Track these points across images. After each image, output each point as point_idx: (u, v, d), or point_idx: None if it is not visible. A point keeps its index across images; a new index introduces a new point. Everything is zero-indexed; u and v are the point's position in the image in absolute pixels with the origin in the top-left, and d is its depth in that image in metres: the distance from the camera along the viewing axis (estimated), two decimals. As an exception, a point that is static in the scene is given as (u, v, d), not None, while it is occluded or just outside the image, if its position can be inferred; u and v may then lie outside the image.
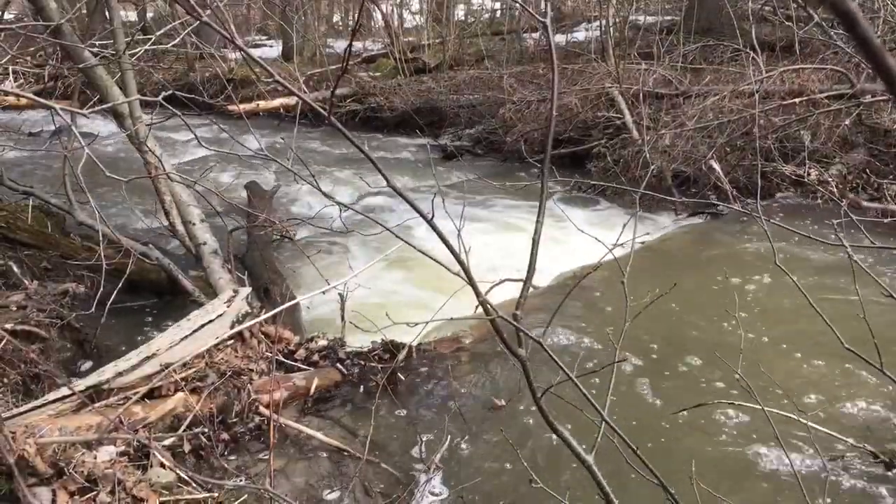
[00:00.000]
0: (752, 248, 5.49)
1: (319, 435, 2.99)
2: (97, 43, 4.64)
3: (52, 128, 7.83)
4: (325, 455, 2.91)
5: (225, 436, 2.88)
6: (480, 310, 2.04)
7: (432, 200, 2.13)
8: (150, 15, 15.96)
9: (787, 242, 5.15)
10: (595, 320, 4.21)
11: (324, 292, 3.51)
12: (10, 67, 11.32)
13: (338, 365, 3.51)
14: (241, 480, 2.64)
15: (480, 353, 3.83)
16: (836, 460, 2.91)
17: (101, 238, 3.57)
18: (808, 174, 6.33)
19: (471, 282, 2.01)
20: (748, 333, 2.97)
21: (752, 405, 2.35)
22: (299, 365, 3.51)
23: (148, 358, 2.98)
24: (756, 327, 4.07)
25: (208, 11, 1.99)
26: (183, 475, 2.50)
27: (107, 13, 4.71)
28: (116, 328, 4.18)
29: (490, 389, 3.49)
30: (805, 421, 2.46)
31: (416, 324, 2.32)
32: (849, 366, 3.58)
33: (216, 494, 2.45)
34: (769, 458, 2.96)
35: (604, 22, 10.97)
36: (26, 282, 3.91)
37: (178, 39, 3.93)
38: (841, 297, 4.36)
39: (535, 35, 13.47)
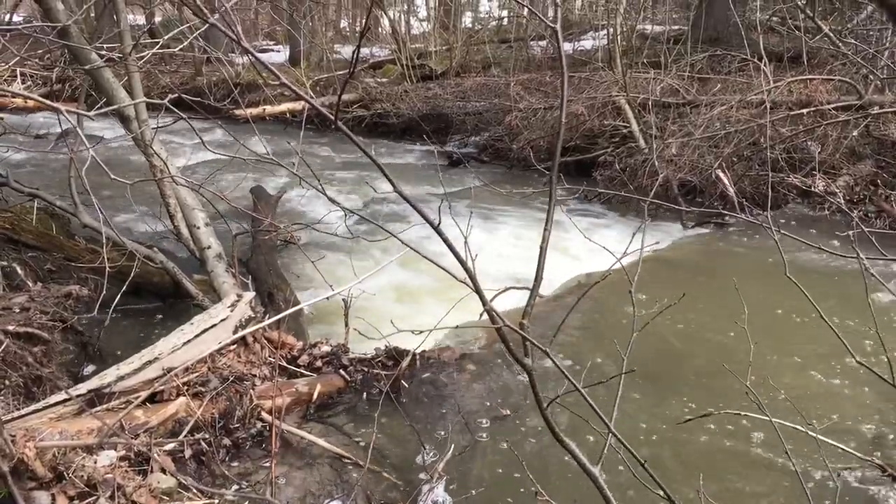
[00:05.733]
0: (760, 259, 5.46)
1: (322, 442, 2.96)
2: (104, 45, 4.64)
3: (59, 130, 7.84)
4: (327, 462, 2.88)
5: (226, 441, 2.85)
6: (486, 317, 2.02)
7: (439, 207, 2.11)
8: (157, 19, 16.01)
9: (795, 253, 5.12)
10: (602, 330, 4.17)
11: (328, 298, 3.49)
12: (18, 70, 11.36)
13: (341, 371, 3.48)
14: (242, 487, 2.62)
15: (485, 361, 3.80)
16: (844, 474, 2.88)
17: (104, 241, 3.56)
18: (816, 185, 6.30)
19: (477, 289, 1.99)
20: (757, 345, 2.94)
21: (760, 416, 2.31)
22: (302, 371, 3.48)
23: (150, 362, 2.96)
24: (765, 339, 4.03)
25: (216, 15, 1.97)
26: (183, 481, 2.47)
27: (114, 16, 4.70)
28: (119, 331, 4.16)
29: (495, 398, 3.46)
30: (814, 434, 2.43)
31: (421, 331, 2.29)
32: (859, 379, 3.54)
33: (216, 501, 2.42)
34: (777, 470, 2.93)
35: (611, 30, 10.96)
36: (30, 284, 3.89)
37: (185, 43, 3.93)
38: (851, 309, 4.33)
39: (542, 43, 13.47)
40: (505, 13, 16.70)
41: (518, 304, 2.28)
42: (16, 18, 14.42)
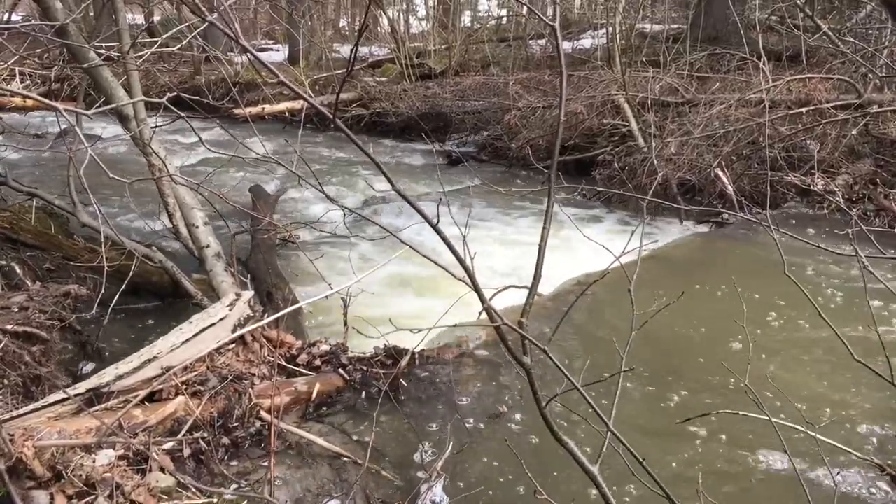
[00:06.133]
0: (758, 258, 5.46)
1: (320, 441, 2.96)
2: (103, 44, 4.63)
3: (58, 129, 7.83)
4: (325, 461, 2.88)
5: (225, 440, 2.85)
6: (484, 316, 2.02)
7: (437, 206, 2.11)
8: (156, 17, 16.01)
9: (794, 252, 5.12)
10: (601, 328, 4.17)
11: (327, 297, 3.48)
12: (17, 69, 11.35)
13: (340, 370, 3.48)
14: (241, 486, 2.62)
15: (484, 359, 3.80)
16: (843, 473, 2.88)
17: (103, 240, 3.56)
18: (816, 184, 6.31)
19: (475, 288, 1.99)
20: (756, 343, 2.94)
21: (759, 416, 2.32)
22: (301, 370, 3.48)
23: (149, 361, 2.96)
24: (764, 338, 4.03)
25: (215, 14, 1.97)
26: (182, 480, 2.47)
27: (113, 15, 4.70)
28: (118, 330, 4.16)
29: (493, 397, 3.46)
30: (813, 434, 2.43)
31: (420, 330, 2.29)
32: (858, 378, 3.54)
33: (215, 500, 2.42)
34: (776, 469, 2.93)
35: (610, 29, 10.95)
36: (28, 283, 3.89)
37: (184, 42, 3.93)
38: (850, 307, 4.33)
39: (541, 42, 13.47)
40: (504, 12, 16.70)
41: (517, 303, 2.28)
42: (14, 17, 14.42)
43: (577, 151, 8.49)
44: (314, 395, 3.29)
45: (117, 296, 3.79)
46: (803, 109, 7.01)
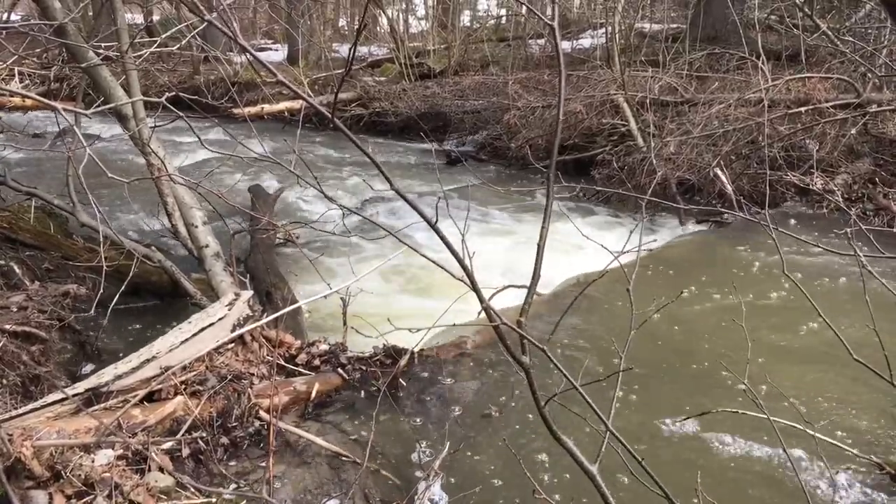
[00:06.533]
0: (758, 257, 5.46)
1: (319, 440, 2.96)
2: (101, 44, 4.63)
3: (57, 129, 7.82)
4: (324, 461, 2.87)
5: (224, 440, 2.84)
6: (483, 316, 2.02)
7: (436, 205, 2.11)
8: (155, 17, 16.01)
9: (793, 251, 5.12)
10: (599, 328, 4.17)
11: (326, 296, 3.48)
12: (16, 68, 11.35)
13: (339, 370, 3.48)
14: (240, 486, 2.61)
15: (483, 359, 3.80)
16: (842, 472, 2.88)
17: (102, 239, 3.55)
18: (815, 183, 6.31)
19: (474, 287, 1.99)
20: (755, 343, 2.94)
21: (758, 415, 2.32)
22: (300, 369, 3.48)
23: (148, 360, 2.95)
24: (763, 336, 4.03)
25: (214, 13, 1.97)
26: (181, 480, 2.47)
27: (112, 14, 4.69)
28: (117, 330, 4.16)
29: (492, 396, 3.46)
30: (812, 432, 2.43)
31: (419, 329, 2.29)
32: (857, 377, 3.55)
33: (214, 500, 2.42)
34: (775, 468, 2.93)
35: (609, 29, 10.96)
36: (27, 282, 3.88)
37: (183, 41, 3.92)
38: (849, 307, 4.33)
39: (541, 41, 13.48)
40: (503, 11, 16.71)
41: (516, 303, 2.28)
42: (13, 17, 14.41)
43: (577, 151, 8.49)
44: (313, 394, 3.29)
45: (117, 296, 3.79)
46: (802, 109, 7.02)
